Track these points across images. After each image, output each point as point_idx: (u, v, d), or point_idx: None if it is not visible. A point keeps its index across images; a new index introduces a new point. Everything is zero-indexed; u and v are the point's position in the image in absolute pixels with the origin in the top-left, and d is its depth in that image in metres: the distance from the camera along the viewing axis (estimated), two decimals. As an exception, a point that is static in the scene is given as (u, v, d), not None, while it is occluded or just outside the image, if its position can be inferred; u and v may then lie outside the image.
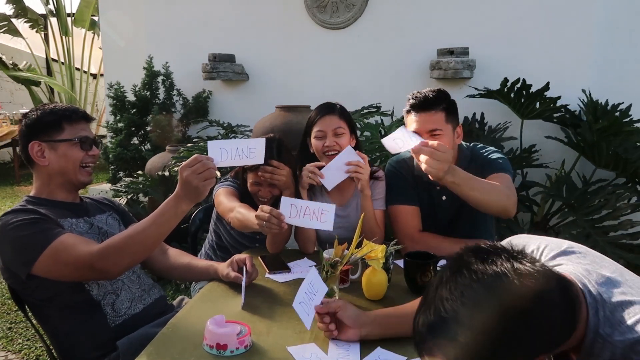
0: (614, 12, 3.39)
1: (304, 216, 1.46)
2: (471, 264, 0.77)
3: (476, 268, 0.75)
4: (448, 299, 0.75)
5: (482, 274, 0.74)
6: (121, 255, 1.31)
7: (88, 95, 7.75)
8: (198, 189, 1.25)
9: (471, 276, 0.75)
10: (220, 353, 1.10)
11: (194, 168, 1.24)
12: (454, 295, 0.74)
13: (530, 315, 0.72)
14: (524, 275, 0.73)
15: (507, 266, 0.75)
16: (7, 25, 7.35)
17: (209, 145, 1.33)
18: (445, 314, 0.74)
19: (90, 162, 1.53)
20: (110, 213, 1.66)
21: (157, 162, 3.48)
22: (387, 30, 3.76)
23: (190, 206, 1.30)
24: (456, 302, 0.74)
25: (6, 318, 2.84)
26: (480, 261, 0.77)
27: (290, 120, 3.19)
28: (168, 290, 3.02)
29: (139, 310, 1.49)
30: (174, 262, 1.68)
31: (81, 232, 1.46)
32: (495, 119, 3.45)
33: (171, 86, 4.12)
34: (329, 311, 1.16)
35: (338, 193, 1.90)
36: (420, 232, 1.85)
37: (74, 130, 1.48)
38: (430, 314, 0.76)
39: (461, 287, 0.75)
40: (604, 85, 3.32)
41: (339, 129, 1.81)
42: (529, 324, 0.72)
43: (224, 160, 1.34)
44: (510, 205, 1.64)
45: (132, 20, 4.58)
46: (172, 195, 1.29)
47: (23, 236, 1.32)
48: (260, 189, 1.88)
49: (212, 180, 1.27)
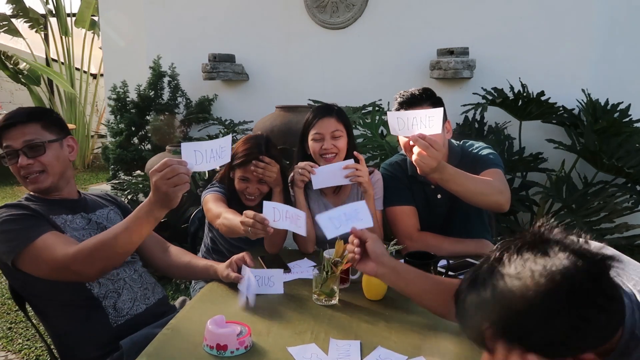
0: (614, 12, 3.39)
1: (286, 219, 1.45)
2: (549, 248, 0.74)
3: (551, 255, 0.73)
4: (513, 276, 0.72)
5: (554, 263, 0.72)
6: (93, 259, 1.29)
7: (88, 95, 7.75)
8: (168, 195, 1.17)
9: (544, 261, 0.72)
10: (220, 353, 1.10)
11: (163, 173, 1.16)
12: (522, 274, 0.72)
13: (595, 306, 0.71)
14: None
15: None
16: (7, 25, 7.35)
17: (183, 148, 1.22)
18: (509, 291, 0.72)
19: (26, 174, 1.44)
20: (112, 208, 1.65)
21: (157, 162, 3.47)
22: (387, 30, 3.76)
23: (163, 213, 1.24)
24: (523, 280, 0.71)
25: (6, 318, 2.84)
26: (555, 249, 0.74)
27: (290, 120, 3.19)
28: (168, 290, 3.02)
29: (142, 310, 1.48)
30: (175, 260, 1.67)
31: (77, 228, 1.46)
32: (494, 119, 3.45)
33: (177, 87, 4.12)
34: (362, 237, 1.21)
35: (334, 194, 1.91)
36: (419, 232, 1.86)
37: (3, 142, 1.43)
38: (490, 289, 0.74)
39: (531, 267, 0.72)
40: (604, 85, 3.31)
41: (336, 131, 1.81)
42: (590, 316, 0.71)
43: (199, 163, 1.23)
44: (503, 200, 1.66)
45: (132, 20, 4.58)
46: (146, 201, 1.23)
47: (10, 230, 1.33)
48: (249, 185, 1.86)
49: (183, 186, 1.17)
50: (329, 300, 1.39)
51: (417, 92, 1.78)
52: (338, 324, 1.27)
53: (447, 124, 1.81)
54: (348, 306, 1.39)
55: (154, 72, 4.04)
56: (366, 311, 1.36)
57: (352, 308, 1.38)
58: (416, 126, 1.53)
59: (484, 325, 0.74)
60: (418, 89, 1.80)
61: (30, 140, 1.42)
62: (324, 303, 1.39)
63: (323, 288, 1.38)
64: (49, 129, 1.47)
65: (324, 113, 1.84)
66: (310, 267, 1.68)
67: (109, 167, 4.15)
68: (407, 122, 1.54)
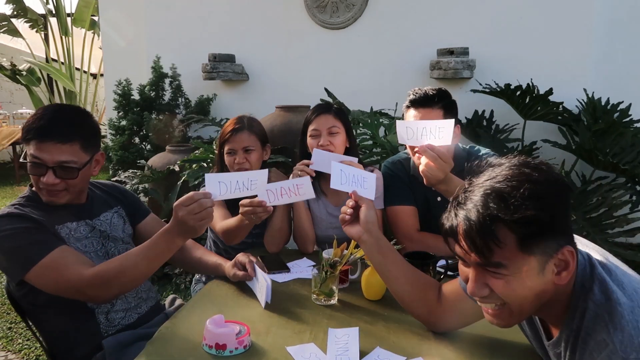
0: (614, 12, 3.39)
1: (282, 196, 1.48)
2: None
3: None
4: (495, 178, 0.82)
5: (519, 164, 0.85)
6: (110, 286, 1.28)
7: (88, 95, 7.75)
8: (195, 228, 1.18)
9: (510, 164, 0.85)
10: (219, 353, 1.10)
11: (190, 208, 1.16)
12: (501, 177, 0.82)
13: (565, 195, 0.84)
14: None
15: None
16: (7, 25, 7.35)
17: (207, 179, 1.25)
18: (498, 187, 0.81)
19: (46, 188, 1.35)
20: (117, 209, 1.59)
21: (157, 162, 3.49)
22: (387, 30, 3.76)
23: (184, 242, 1.25)
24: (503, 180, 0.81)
25: (6, 318, 2.84)
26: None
27: (290, 120, 3.19)
28: (168, 290, 3.02)
29: (134, 320, 1.47)
30: (187, 255, 1.66)
31: (80, 237, 1.42)
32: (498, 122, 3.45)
33: (178, 88, 4.11)
34: (358, 201, 1.24)
35: (333, 193, 1.91)
36: (418, 232, 1.86)
37: (33, 149, 1.32)
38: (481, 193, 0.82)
39: (506, 171, 0.83)
40: (604, 84, 3.32)
41: (333, 128, 1.82)
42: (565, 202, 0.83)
43: (223, 194, 1.26)
44: None
45: (132, 20, 4.58)
46: (164, 231, 1.23)
47: (13, 248, 1.28)
48: (236, 157, 1.88)
49: (209, 219, 1.19)
50: (328, 300, 1.39)
51: (430, 92, 1.75)
52: (337, 324, 1.27)
53: (456, 129, 1.75)
54: (347, 306, 1.39)
55: (155, 73, 4.04)
56: (365, 311, 1.36)
57: (351, 308, 1.38)
58: (425, 136, 1.52)
59: (474, 218, 0.81)
60: (433, 89, 1.76)
61: (66, 162, 1.33)
62: (323, 303, 1.39)
63: (322, 288, 1.38)
64: (86, 150, 1.37)
65: (322, 110, 1.87)
66: (310, 267, 1.69)
67: (109, 167, 4.14)
68: (416, 132, 1.53)
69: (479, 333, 1.20)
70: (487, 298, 0.86)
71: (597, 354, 0.79)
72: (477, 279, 0.86)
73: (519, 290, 0.82)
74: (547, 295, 0.85)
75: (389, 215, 1.90)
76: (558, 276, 0.83)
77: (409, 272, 1.22)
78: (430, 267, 1.44)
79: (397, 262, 1.22)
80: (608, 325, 0.79)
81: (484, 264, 0.83)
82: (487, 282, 0.85)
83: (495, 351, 1.14)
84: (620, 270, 0.88)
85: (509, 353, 1.14)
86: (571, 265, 0.82)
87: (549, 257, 0.82)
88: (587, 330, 0.82)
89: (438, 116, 1.72)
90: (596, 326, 0.81)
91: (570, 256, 0.82)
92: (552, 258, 0.82)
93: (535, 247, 0.80)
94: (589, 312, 0.82)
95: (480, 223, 0.80)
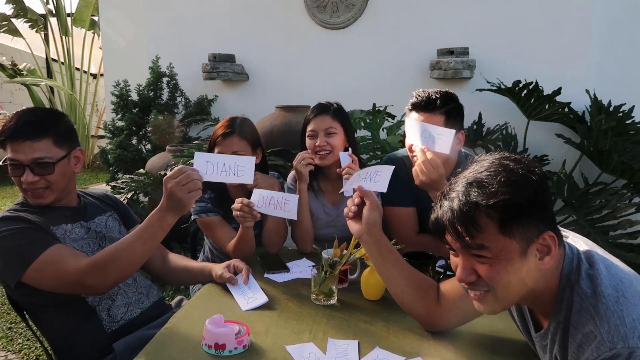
0: (615, 12, 3.39)
1: (269, 205, 1.53)
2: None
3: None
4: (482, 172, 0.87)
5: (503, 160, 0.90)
6: (108, 272, 1.28)
7: (88, 95, 7.75)
8: (182, 200, 1.21)
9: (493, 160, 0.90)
10: (218, 353, 1.10)
11: (178, 180, 1.20)
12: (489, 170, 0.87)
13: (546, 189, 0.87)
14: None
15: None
16: (7, 25, 7.35)
17: (196, 157, 1.27)
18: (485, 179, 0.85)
19: (29, 188, 1.38)
20: (111, 213, 1.62)
21: (157, 162, 3.48)
22: (387, 30, 3.76)
23: (176, 219, 1.26)
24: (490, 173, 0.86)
25: (6, 318, 2.84)
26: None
27: (290, 120, 3.19)
28: (168, 290, 3.02)
29: (136, 314, 1.47)
30: (172, 265, 1.66)
31: (76, 238, 1.43)
32: (495, 119, 3.45)
33: (175, 87, 4.11)
34: (363, 198, 1.24)
35: (331, 192, 1.91)
36: (417, 235, 1.85)
37: (9, 151, 1.35)
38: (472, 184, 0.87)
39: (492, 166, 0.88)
40: (605, 85, 3.32)
41: (330, 128, 1.81)
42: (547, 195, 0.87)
43: (209, 174, 1.28)
44: None
45: (132, 20, 4.58)
46: (157, 208, 1.25)
47: (11, 247, 1.29)
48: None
49: (197, 192, 1.22)
50: (327, 300, 1.39)
51: (434, 96, 1.69)
52: (336, 324, 1.27)
53: (459, 134, 1.71)
54: (346, 306, 1.39)
55: (153, 73, 4.05)
56: (364, 311, 1.36)
57: (351, 308, 1.38)
58: (424, 138, 1.54)
59: (462, 209, 0.85)
60: (437, 92, 1.70)
61: (40, 158, 1.35)
62: (323, 303, 1.39)
63: (322, 288, 1.38)
64: (60, 145, 1.40)
65: (320, 110, 1.85)
66: (309, 266, 1.69)
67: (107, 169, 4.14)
68: (418, 132, 1.57)
69: (478, 333, 1.20)
70: (475, 285, 0.91)
71: (587, 346, 0.82)
72: (464, 265, 0.90)
73: (503, 274, 0.86)
74: (532, 283, 0.88)
75: (387, 215, 1.86)
76: (541, 261, 0.86)
77: (409, 274, 1.22)
78: (429, 267, 1.43)
79: (397, 263, 1.23)
80: (594, 317, 0.82)
81: (468, 247, 0.87)
82: (473, 267, 0.89)
83: (494, 351, 1.14)
84: (607, 261, 0.90)
85: (509, 353, 1.14)
86: (553, 250, 0.86)
87: (530, 242, 0.85)
88: (574, 324, 0.85)
89: (439, 122, 1.66)
90: (582, 319, 0.84)
91: (551, 241, 0.86)
92: (534, 243, 0.86)
93: (515, 230, 0.84)
94: (575, 305, 0.85)
95: (461, 210, 0.85)
